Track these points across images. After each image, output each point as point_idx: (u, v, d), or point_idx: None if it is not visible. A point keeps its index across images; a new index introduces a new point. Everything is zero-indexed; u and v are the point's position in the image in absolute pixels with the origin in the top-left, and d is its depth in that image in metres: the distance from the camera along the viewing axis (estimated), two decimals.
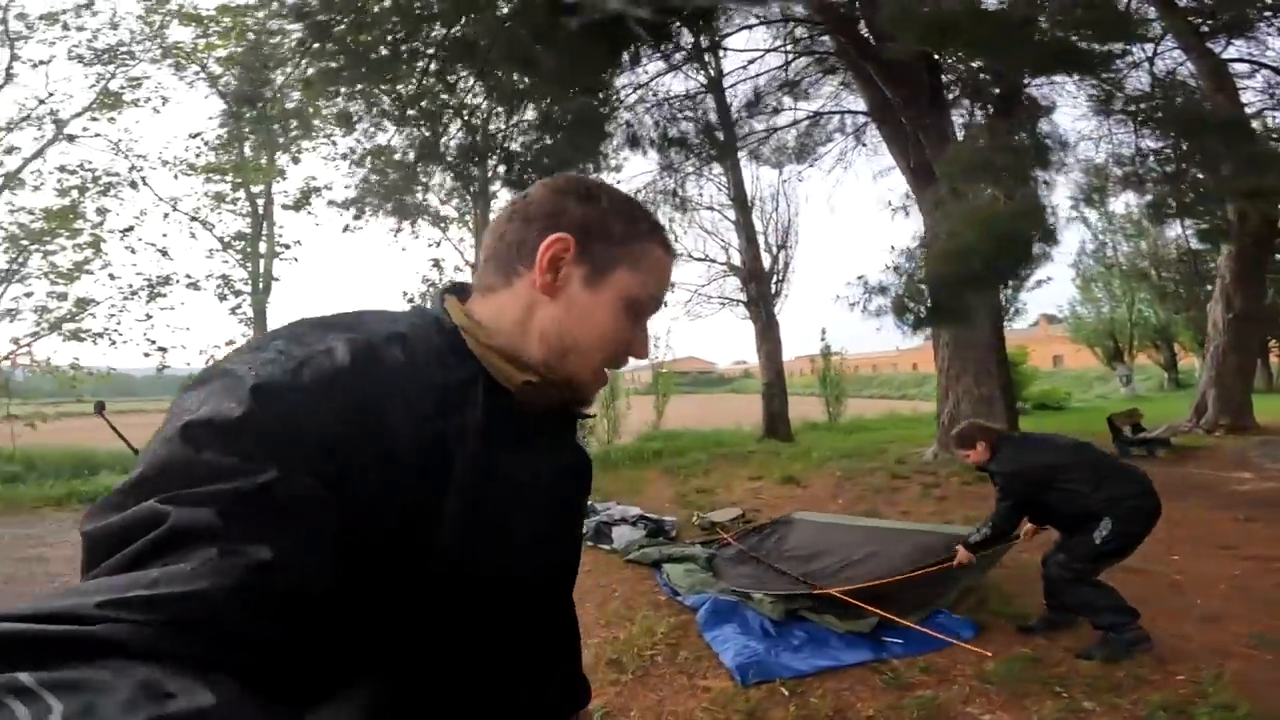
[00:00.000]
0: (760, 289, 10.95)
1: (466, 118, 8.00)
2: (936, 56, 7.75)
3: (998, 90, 8.04)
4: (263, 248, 11.40)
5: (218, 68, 10.77)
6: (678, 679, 2.95)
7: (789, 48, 9.86)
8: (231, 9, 10.35)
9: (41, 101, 10.96)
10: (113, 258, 10.97)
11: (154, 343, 11.05)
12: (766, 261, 11.24)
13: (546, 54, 6.01)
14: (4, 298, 10.60)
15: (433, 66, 7.12)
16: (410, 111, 7.50)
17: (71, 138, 11.08)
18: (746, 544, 5.08)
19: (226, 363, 0.52)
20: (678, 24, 7.97)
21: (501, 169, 7.92)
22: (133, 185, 11.22)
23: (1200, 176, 8.94)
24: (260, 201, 11.32)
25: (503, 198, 9.82)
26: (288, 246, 11.86)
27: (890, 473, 7.92)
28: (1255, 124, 9.26)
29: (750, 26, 9.03)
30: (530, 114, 8.16)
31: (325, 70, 6.78)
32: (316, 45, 6.66)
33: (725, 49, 10.21)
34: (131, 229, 11.26)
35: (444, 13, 6.91)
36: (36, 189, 10.76)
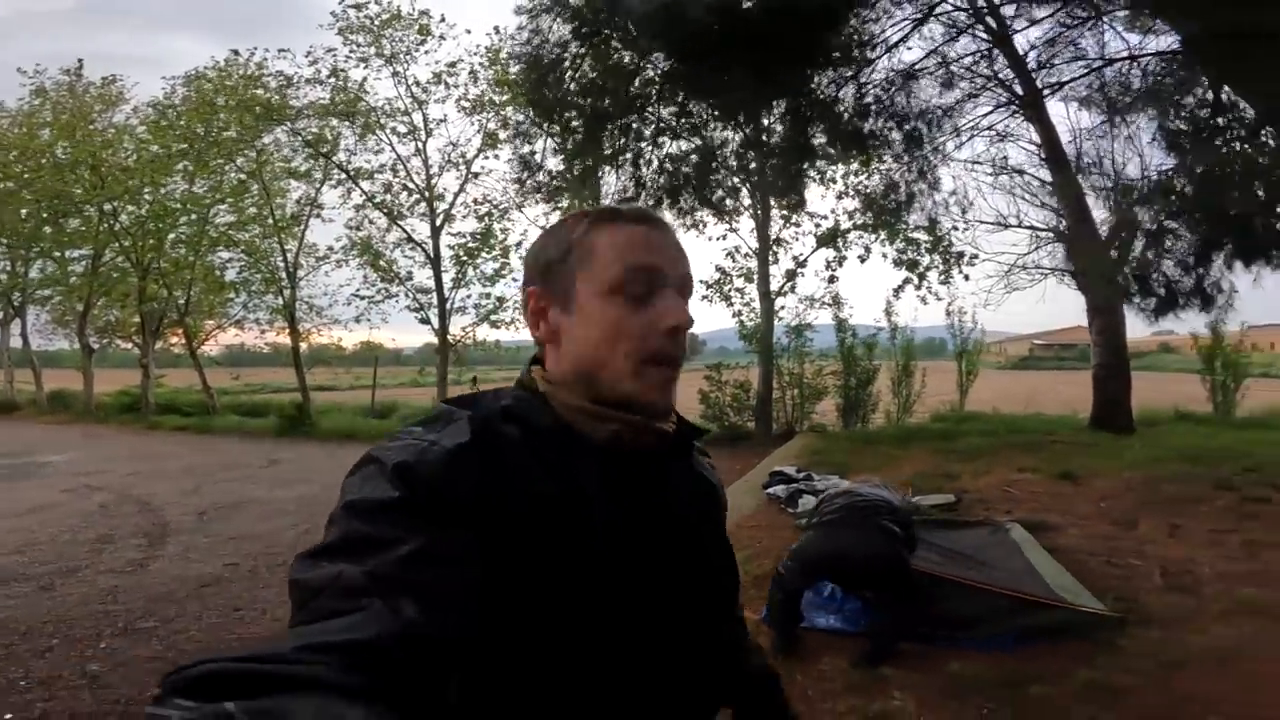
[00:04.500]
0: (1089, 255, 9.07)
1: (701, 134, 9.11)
2: None
3: None
4: None
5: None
6: None
7: None
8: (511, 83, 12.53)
9: (454, 146, 14.86)
10: (515, 265, 14.96)
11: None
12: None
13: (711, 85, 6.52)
14: (455, 299, 15.32)
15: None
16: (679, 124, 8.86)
17: (475, 175, 14.68)
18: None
19: (374, 450, 0.64)
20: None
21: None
22: (519, 208, 15.02)
23: None
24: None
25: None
26: None
27: (1237, 488, 5.86)
28: None
29: None
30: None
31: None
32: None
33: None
34: (520, 244, 15.04)
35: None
36: (464, 218, 15.12)
